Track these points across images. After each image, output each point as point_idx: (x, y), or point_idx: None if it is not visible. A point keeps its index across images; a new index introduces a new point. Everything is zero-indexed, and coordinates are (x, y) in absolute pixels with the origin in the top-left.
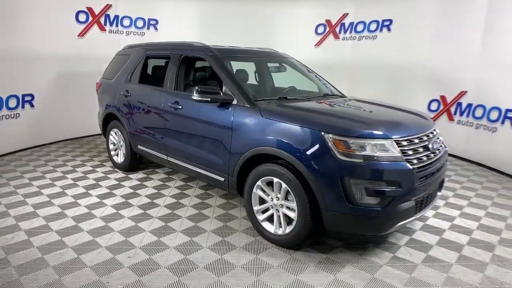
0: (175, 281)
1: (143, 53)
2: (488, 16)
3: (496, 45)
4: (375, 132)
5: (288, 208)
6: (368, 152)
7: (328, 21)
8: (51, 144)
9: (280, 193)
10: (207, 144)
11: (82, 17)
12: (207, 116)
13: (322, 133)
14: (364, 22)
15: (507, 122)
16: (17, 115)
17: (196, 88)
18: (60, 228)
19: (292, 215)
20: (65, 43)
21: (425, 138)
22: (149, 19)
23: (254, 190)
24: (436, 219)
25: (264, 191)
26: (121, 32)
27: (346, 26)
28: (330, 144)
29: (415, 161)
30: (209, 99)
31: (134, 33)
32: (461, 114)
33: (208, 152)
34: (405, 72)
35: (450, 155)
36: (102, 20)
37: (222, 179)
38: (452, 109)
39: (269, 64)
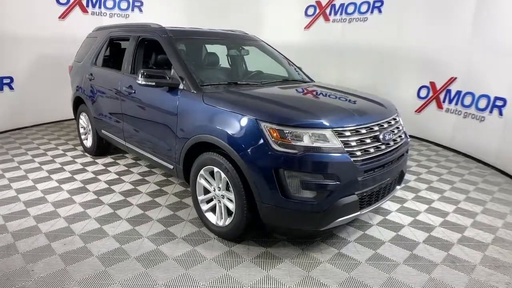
0: (101, 271)
1: (107, 35)
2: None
3: (487, 30)
4: (313, 121)
5: (229, 199)
6: (304, 142)
7: (318, 2)
8: (33, 127)
9: (221, 184)
10: (157, 130)
11: None
12: (156, 101)
13: (258, 121)
14: (355, 3)
15: (495, 111)
16: None
17: (141, 71)
18: (8, 213)
19: (231, 206)
20: (46, 25)
21: (376, 128)
22: (134, 1)
23: (198, 179)
24: (398, 213)
25: (207, 181)
26: (104, 14)
27: (337, 8)
28: (265, 133)
29: (358, 153)
30: (153, 84)
31: (118, 15)
32: (450, 101)
33: (159, 138)
34: (395, 56)
35: (437, 145)
36: (84, 1)
37: (171, 166)
38: (441, 97)
39: (231, 48)
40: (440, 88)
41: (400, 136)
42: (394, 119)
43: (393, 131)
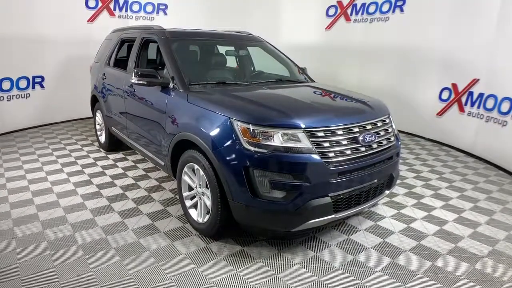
0: (80, 258)
1: (119, 36)
2: None
3: None
4: (285, 121)
5: (208, 196)
6: (274, 142)
7: (339, 2)
8: (61, 123)
9: (201, 181)
10: (151, 127)
11: (92, 3)
12: (150, 99)
13: (231, 120)
14: (376, 3)
15: None
16: (28, 95)
17: (135, 71)
18: (15, 201)
19: (209, 203)
20: (75, 28)
21: (356, 129)
22: (159, 4)
23: (182, 176)
24: (392, 219)
25: (191, 178)
26: (131, 17)
27: (358, 7)
28: (237, 132)
29: (331, 154)
30: (145, 83)
31: (144, 18)
32: (472, 104)
33: (152, 135)
34: (417, 56)
35: (458, 150)
36: (111, 5)
37: (162, 163)
38: (463, 99)
39: (227, 48)
40: (462, 90)
41: (388, 139)
42: (383, 121)
43: (378, 133)
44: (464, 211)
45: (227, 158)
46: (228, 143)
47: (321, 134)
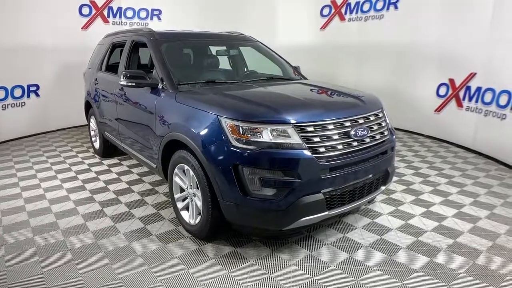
0: (70, 264)
1: (110, 41)
2: None
3: (506, 23)
4: (273, 117)
5: (199, 197)
6: (262, 138)
7: (333, 2)
8: (57, 131)
9: (192, 182)
10: (142, 130)
11: (86, 11)
12: (140, 101)
13: (219, 117)
14: (370, 1)
15: None
16: (23, 104)
17: (123, 72)
18: (6, 208)
19: (199, 204)
20: (69, 36)
21: (347, 123)
22: (152, 10)
23: (173, 177)
24: (389, 216)
25: (182, 179)
26: (125, 23)
27: (352, 6)
28: (225, 130)
29: (321, 149)
30: (134, 84)
31: (138, 24)
32: (470, 99)
33: (143, 138)
34: (413, 53)
35: (458, 146)
36: (105, 12)
37: (154, 165)
38: (461, 94)
39: (218, 48)
40: (459, 85)
41: (382, 133)
42: (376, 115)
43: (370, 128)
44: (464, 206)
45: (216, 156)
46: (217, 141)
47: (311, 129)
